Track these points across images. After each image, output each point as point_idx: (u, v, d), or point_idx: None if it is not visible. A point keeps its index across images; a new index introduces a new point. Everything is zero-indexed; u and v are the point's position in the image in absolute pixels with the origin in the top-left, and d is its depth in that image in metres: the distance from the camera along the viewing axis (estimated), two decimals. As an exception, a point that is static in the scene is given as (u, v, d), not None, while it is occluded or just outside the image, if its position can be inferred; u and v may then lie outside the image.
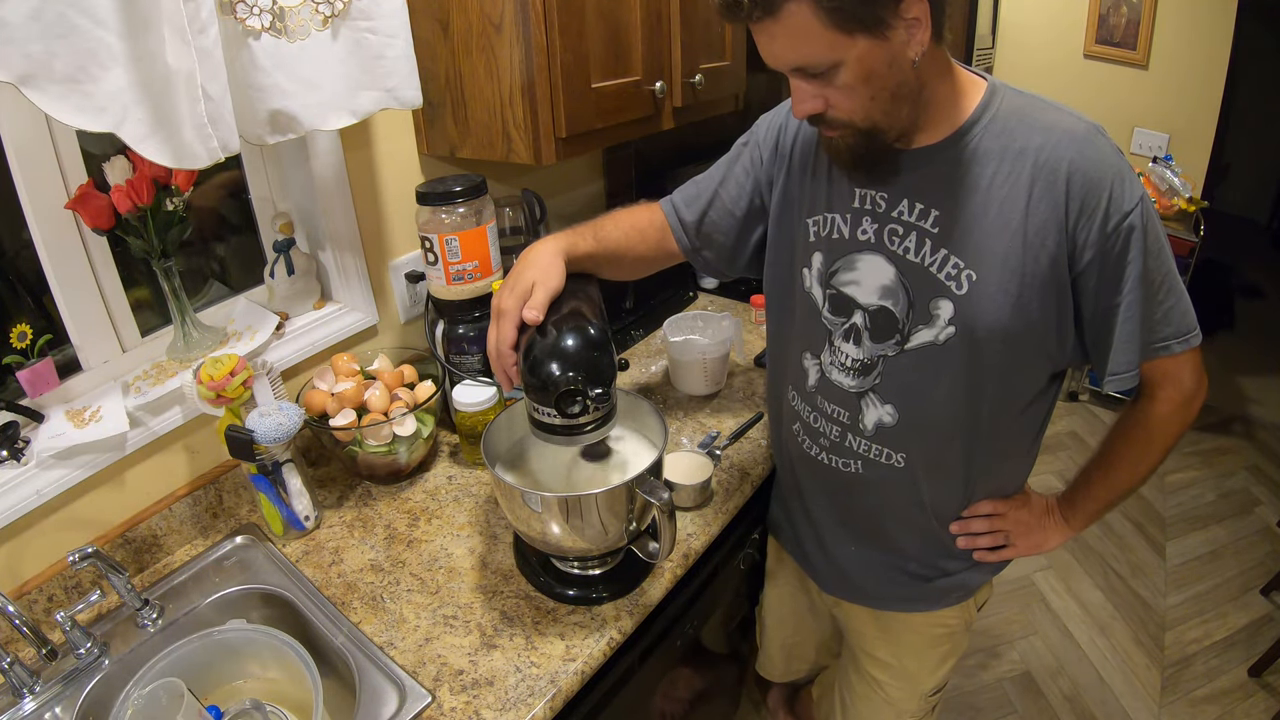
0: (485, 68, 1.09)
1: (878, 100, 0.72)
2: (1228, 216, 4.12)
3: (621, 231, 1.00)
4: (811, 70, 0.71)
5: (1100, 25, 2.79)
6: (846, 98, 0.72)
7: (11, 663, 0.81)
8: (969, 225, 0.78)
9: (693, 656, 1.20)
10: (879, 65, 0.69)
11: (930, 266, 0.81)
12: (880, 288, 0.85)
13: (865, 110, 0.73)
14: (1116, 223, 0.75)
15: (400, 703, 0.80)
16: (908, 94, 0.73)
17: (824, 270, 0.91)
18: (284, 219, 1.19)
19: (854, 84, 0.70)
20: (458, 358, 1.19)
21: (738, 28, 1.44)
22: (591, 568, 0.95)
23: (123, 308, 1.04)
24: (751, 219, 1.01)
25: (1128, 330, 0.80)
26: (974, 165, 0.78)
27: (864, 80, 0.70)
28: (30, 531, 0.91)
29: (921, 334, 0.84)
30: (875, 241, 0.85)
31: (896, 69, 0.70)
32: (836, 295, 0.90)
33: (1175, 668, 1.95)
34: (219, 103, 0.81)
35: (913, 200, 0.81)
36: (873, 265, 0.86)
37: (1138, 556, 2.36)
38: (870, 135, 0.76)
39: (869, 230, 0.85)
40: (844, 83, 0.71)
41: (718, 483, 1.14)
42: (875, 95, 0.72)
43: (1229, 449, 2.90)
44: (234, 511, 1.11)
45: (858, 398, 0.91)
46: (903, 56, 0.69)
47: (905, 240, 0.83)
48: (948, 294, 0.81)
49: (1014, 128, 0.77)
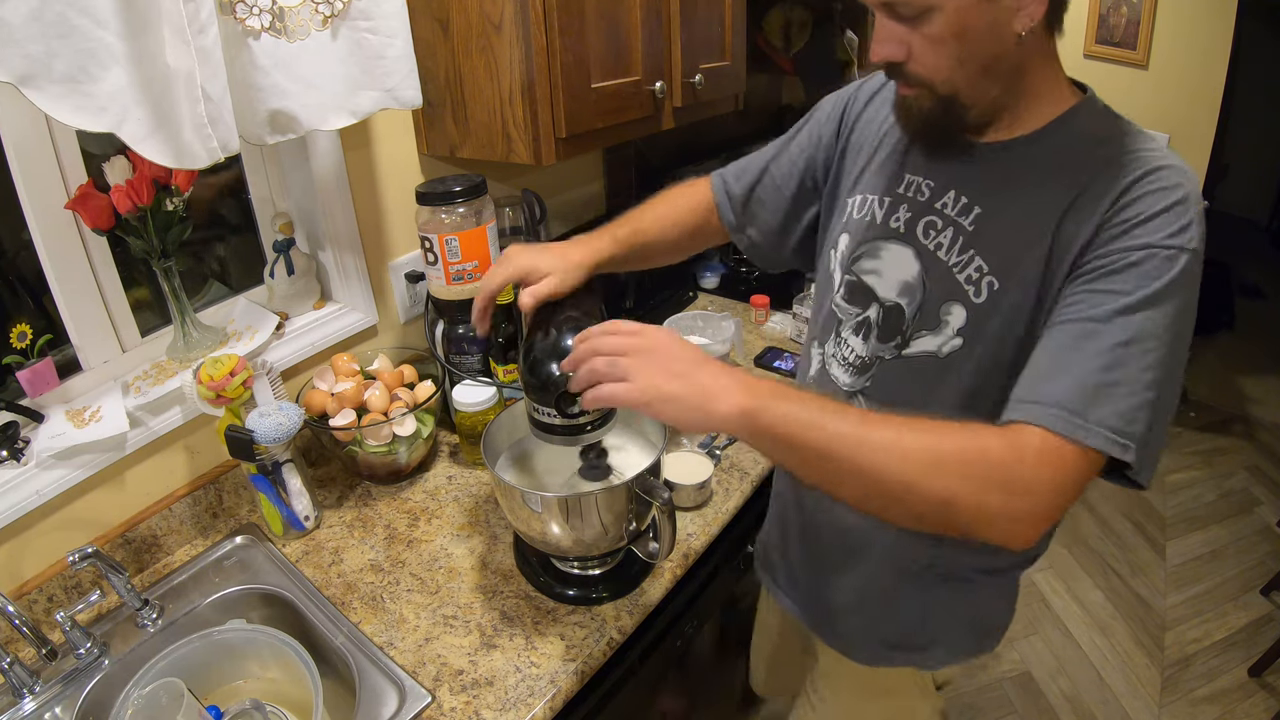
0: (485, 68, 1.09)
1: (966, 66, 0.65)
2: (1228, 216, 4.14)
3: (657, 226, 0.97)
4: (902, 9, 0.63)
5: (1100, 25, 2.79)
6: (932, 51, 0.64)
7: (11, 663, 0.81)
8: (1005, 230, 0.70)
9: (692, 660, 1.20)
10: (978, 23, 0.62)
11: (954, 267, 0.73)
12: (901, 283, 0.78)
13: (949, 72, 0.65)
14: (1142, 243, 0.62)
15: (400, 703, 0.80)
16: (1002, 72, 0.66)
17: (848, 254, 0.84)
18: (284, 219, 1.19)
19: (945, 36, 0.63)
20: (458, 358, 1.19)
21: (738, 27, 1.44)
22: (591, 568, 0.95)
23: (123, 308, 1.04)
24: (801, 200, 0.94)
25: (1055, 356, 0.63)
26: (1033, 171, 0.69)
27: (956, 35, 0.62)
28: (30, 531, 0.91)
29: (924, 340, 0.76)
30: (906, 232, 0.77)
31: (995, 36, 0.63)
32: (855, 282, 0.82)
33: (1175, 668, 1.95)
34: (219, 103, 0.81)
35: (959, 192, 0.74)
36: (898, 257, 0.78)
37: (1138, 556, 2.36)
38: (948, 105, 0.68)
39: (901, 219, 0.78)
40: (934, 32, 0.63)
41: (717, 483, 1.14)
42: (964, 59, 0.64)
43: (1229, 449, 2.90)
44: (234, 511, 1.11)
45: (848, 397, 0.84)
46: (1007, 24, 0.62)
47: (940, 235, 0.74)
48: (964, 299, 0.72)
49: (1092, 146, 0.68)
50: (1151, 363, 0.61)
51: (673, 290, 1.73)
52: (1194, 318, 0.65)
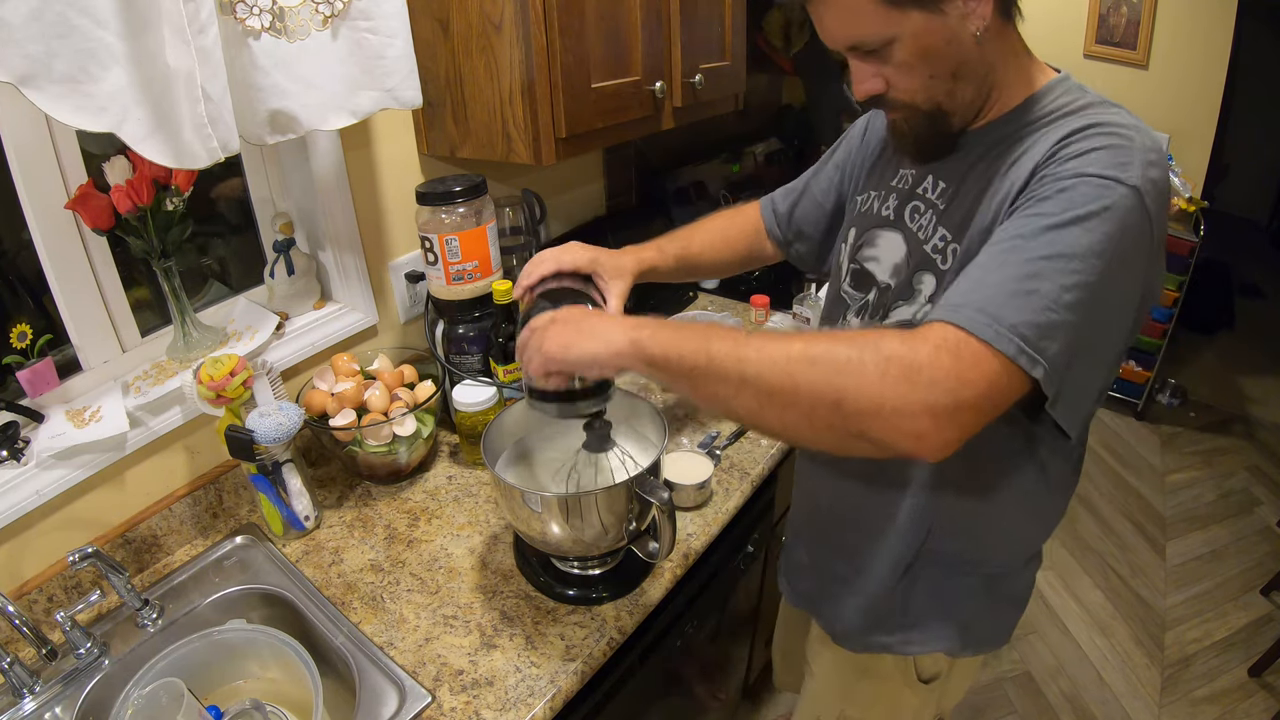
0: (485, 68, 1.09)
1: (938, 79, 0.68)
2: (1228, 216, 4.13)
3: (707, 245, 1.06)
4: (866, 48, 0.67)
5: (1100, 25, 2.79)
6: (905, 77, 0.68)
7: (11, 663, 0.81)
8: (966, 200, 0.73)
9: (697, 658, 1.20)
10: (936, 40, 0.65)
11: (925, 241, 0.78)
12: (893, 265, 0.82)
13: (926, 90, 0.69)
14: (1074, 171, 0.61)
15: (400, 703, 0.80)
16: (972, 74, 0.68)
17: (854, 244, 0.89)
18: (284, 219, 1.19)
19: (911, 61, 0.67)
20: (458, 358, 1.19)
21: (738, 27, 1.44)
22: (591, 568, 0.95)
23: (123, 308, 1.04)
24: (839, 214, 0.99)
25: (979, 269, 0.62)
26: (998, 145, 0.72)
27: (921, 58, 0.66)
28: (30, 531, 0.91)
29: (900, 310, 0.80)
30: (895, 219, 0.82)
31: (957, 45, 0.66)
32: (859, 270, 0.87)
33: (1175, 668, 1.95)
34: (219, 103, 0.81)
35: (937, 177, 0.78)
36: (890, 243, 0.83)
37: (1138, 556, 2.36)
38: (933, 118, 0.72)
39: (891, 206, 0.83)
40: (901, 60, 0.67)
41: (717, 483, 1.14)
42: (935, 74, 0.68)
43: (1229, 449, 2.90)
44: (234, 511, 1.11)
45: None
46: (962, 32, 0.65)
47: (922, 217, 0.79)
48: (932, 268, 0.76)
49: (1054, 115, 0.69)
50: (1073, 284, 0.58)
51: (673, 290, 1.73)
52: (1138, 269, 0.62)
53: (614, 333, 0.70)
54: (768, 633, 1.65)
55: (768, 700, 1.82)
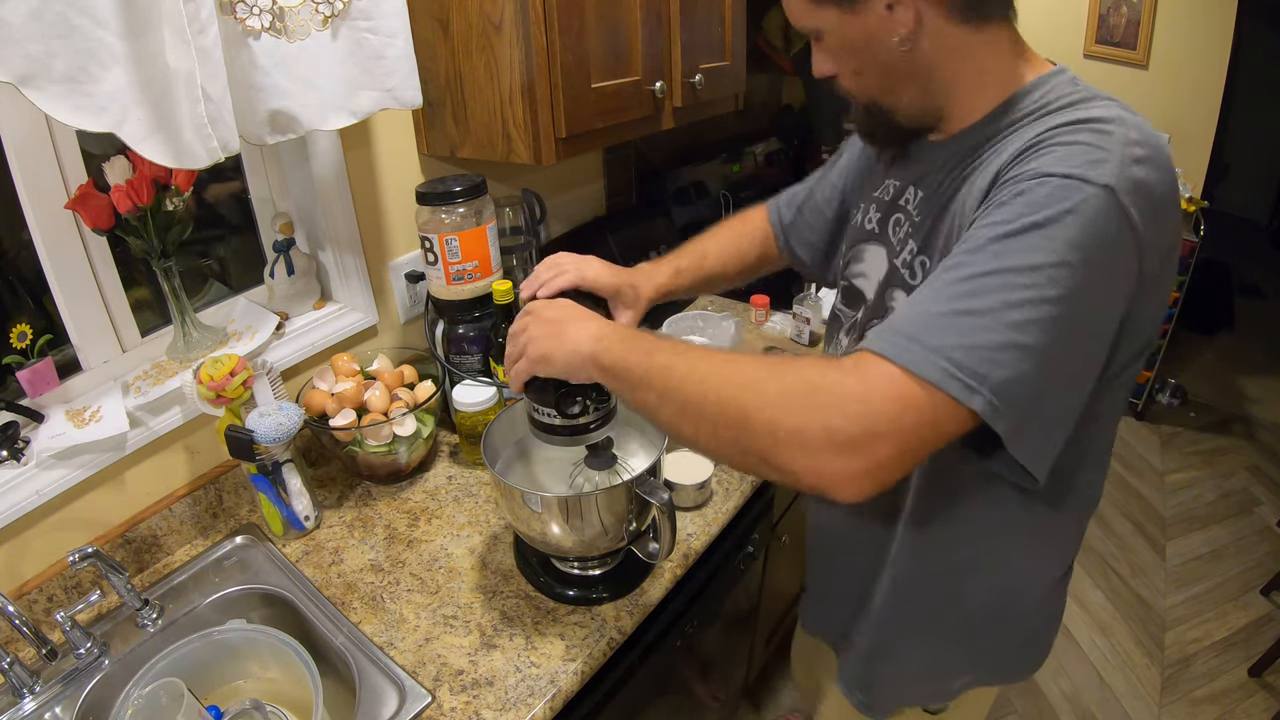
0: (485, 68, 1.09)
1: (866, 76, 0.69)
2: (1228, 216, 4.13)
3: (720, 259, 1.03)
4: (809, 34, 0.70)
5: (1100, 25, 2.79)
6: (838, 64, 0.70)
7: (11, 663, 0.81)
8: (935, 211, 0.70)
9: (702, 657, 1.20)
10: (855, 40, 0.66)
11: (897, 256, 0.75)
12: (878, 281, 0.80)
13: (854, 81, 0.70)
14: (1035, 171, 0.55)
15: (400, 703, 0.80)
16: (905, 75, 0.67)
17: (845, 259, 0.88)
18: (284, 219, 1.19)
19: (839, 51, 0.68)
20: (458, 358, 1.19)
21: (738, 27, 1.44)
22: (591, 568, 0.95)
23: (123, 308, 1.04)
24: (841, 221, 0.97)
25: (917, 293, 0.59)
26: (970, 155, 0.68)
27: (845, 51, 0.68)
28: (30, 531, 0.91)
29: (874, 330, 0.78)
30: (879, 232, 0.81)
31: (878, 47, 0.65)
32: (849, 286, 0.86)
33: (1175, 668, 1.95)
34: (219, 103, 0.81)
35: (916, 187, 0.76)
36: (875, 257, 0.81)
37: (1138, 556, 2.36)
38: (870, 110, 0.72)
39: (874, 219, 0.82)
40: (831, 49, 0.69)
41: (718, 483, 1.14)
42: (860, 70, 0.69)
43: (1229, 449, 2.90)
44: (234, 511, 1.11)
45: None
46: (882, 35, 0.64)
47: (901, 229, 0.77)
48: (901, 284, 0.74)
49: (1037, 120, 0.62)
50: (1023, 299, 0.51)
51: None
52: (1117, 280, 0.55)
53: (583, 346, 0.67)
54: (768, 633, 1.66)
55: (767, 700, 1.82)
